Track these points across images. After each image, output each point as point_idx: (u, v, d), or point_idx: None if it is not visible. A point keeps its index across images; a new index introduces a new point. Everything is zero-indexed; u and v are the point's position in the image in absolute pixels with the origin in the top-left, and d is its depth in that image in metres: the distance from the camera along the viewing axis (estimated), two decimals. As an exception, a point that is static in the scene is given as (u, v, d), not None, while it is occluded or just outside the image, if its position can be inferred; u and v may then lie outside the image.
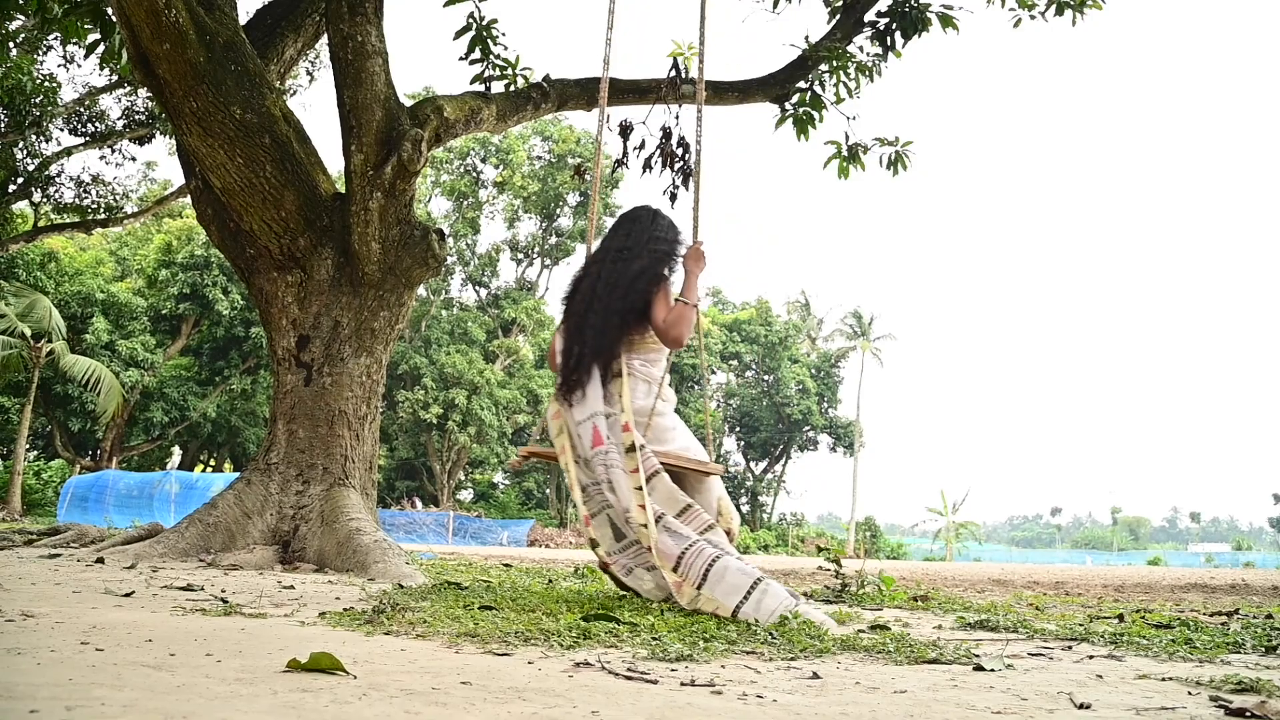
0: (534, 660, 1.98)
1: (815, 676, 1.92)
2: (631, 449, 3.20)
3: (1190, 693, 1.85)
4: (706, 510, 3.38)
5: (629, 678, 1.80)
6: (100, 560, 4.88)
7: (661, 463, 3.27)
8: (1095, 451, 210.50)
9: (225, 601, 3.00)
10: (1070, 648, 2.60)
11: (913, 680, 1.92)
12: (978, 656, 2.24)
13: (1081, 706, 1.66)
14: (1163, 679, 2.02)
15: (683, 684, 1.76)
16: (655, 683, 1.76)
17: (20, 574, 3.89)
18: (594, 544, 3.34)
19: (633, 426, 3.24)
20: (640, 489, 3.12)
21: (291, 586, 3.91)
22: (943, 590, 5.90)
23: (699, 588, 2.92)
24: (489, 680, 1.71)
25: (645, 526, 3.07)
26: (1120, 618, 3.67)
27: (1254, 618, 3.91)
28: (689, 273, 3.46)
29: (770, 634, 2.49)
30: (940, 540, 51.54)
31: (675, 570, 3.00)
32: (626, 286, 3.35)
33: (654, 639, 2.32)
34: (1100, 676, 2.05)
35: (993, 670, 2.07)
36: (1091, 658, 2.39)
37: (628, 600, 3.44)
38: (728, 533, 3.35)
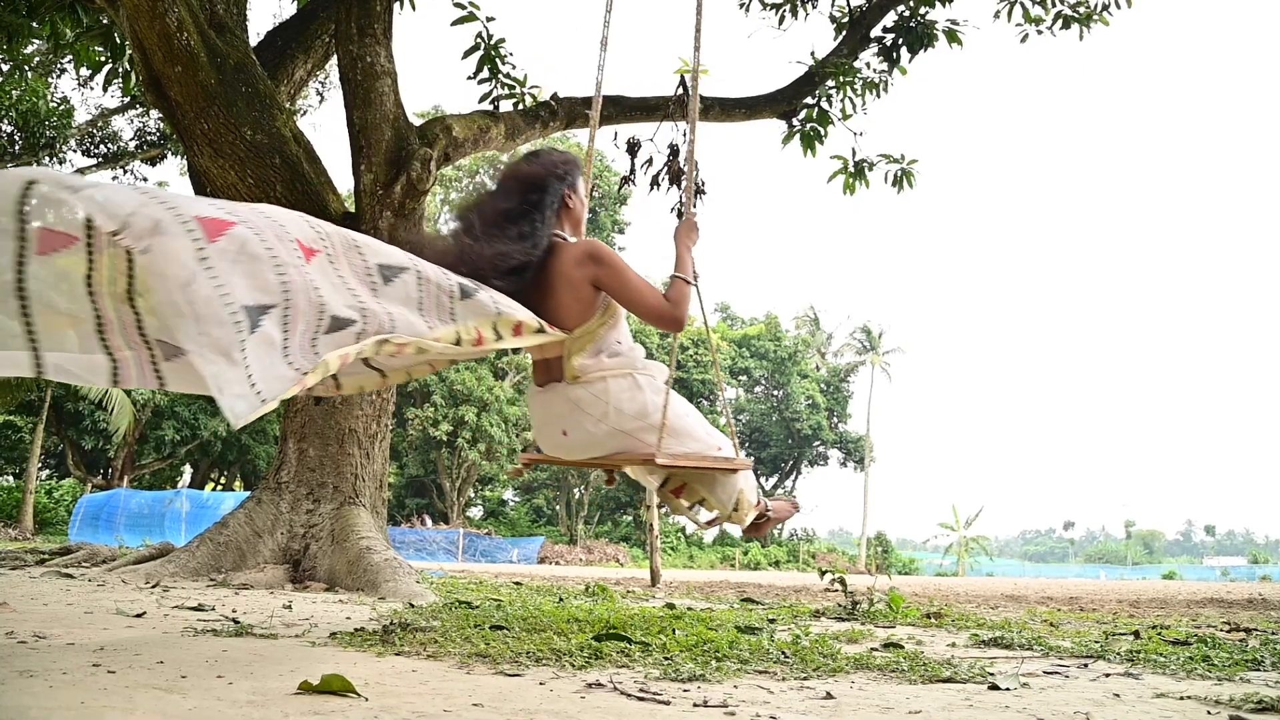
0: (546, 681, 1.97)
1: (829, 696, 1.90)
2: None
3: (1209, 712, 1.83)
4: (722, 506, 2.97)
5: (641, 699, 1.79)
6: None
7: (681, 466, 2.76)
8: (1108, 464, 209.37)
9: (236, 622, 3.00)
10: (1086, 665, 2.57)
11: (927, 700, 1.90)
12: (993, 675, 2.22)
13: (1099, 727, 1.64)
14: (1181, 698, 2.00)
15: (695, 705, 1.75)
16: (668, 704, 1.75)
17: (32, 594, 3.90)
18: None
19: (633, 431, 2.69)
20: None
21: (299, 606, 3.91)
22: (956, 606, 5.85)
23: None
24: (501, 702, 1.70)
25: None
26: (1136, 634, 3.63)
27: (1273, 633, 3.86)
28: (683, 245, 2.88)
29: (783, 653, 2.47)
30: (952, 555, 51.22)
31: None
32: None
33: (666, 659, 2.30)
34: (1117, 695, 2.03)
35: (1008, 689, 2.05)
36: (1108, 676, 2.36)
37: (639, 619, 3.43)
38: (731, 515, 2.99)
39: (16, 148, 15.09)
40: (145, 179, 17.91)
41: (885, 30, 8.01)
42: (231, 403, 1.77)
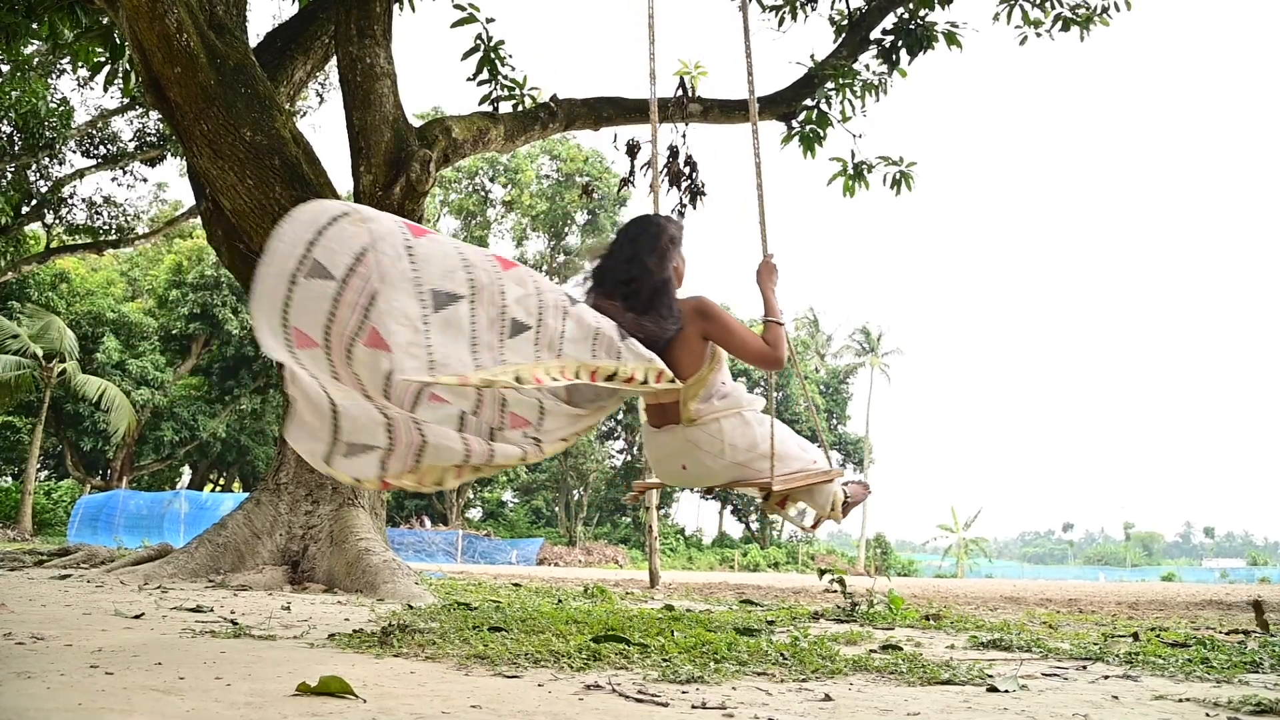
0: (544, 683, 1.97)
1: (827, 698, 1.90)
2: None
3: (1208, 714, 1.83)
4: (821, 509, 3.31)
5: (639, 700, 1.79)
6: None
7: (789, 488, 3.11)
8: (1107, 466, 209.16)
9: (235, 623, 3.00)
10: (1085, 667, 2.57)
11: (926, 702, 1.90)
12: (991, 677, 2.22)
13: (1098, 729, 1.64)
14: (1179, 700, 2.00)
15: (694, 707, 1.74)
16: (666, 705, 1.75)
17: (30, 595, 3.89)
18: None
19: (746, 462, 3.00)
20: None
21: (298, 607, 3.90)
22: (955, 608, 5.85)
23: None
24: (499, 704, 1.70)
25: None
26: (1135, 636, 3.63)
27: (1272, 635, 3.86)
28: (768, 289, 3.25)
29: (782, 655, 2.47)
30: (951, 557, 51.19)
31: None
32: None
33: (664, 660, 2.30)
34: (1116, 697, 2.03)
35: (1007, 691, 2.05)
36: (1107, 678, 2.36)
37: (637, 620, 3.43)
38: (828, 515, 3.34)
39: (16, 148, 15.08)
40: (144, 179, 17.91)
41: (885, 32, 8.01)
42: (401, 358, 2.10)
